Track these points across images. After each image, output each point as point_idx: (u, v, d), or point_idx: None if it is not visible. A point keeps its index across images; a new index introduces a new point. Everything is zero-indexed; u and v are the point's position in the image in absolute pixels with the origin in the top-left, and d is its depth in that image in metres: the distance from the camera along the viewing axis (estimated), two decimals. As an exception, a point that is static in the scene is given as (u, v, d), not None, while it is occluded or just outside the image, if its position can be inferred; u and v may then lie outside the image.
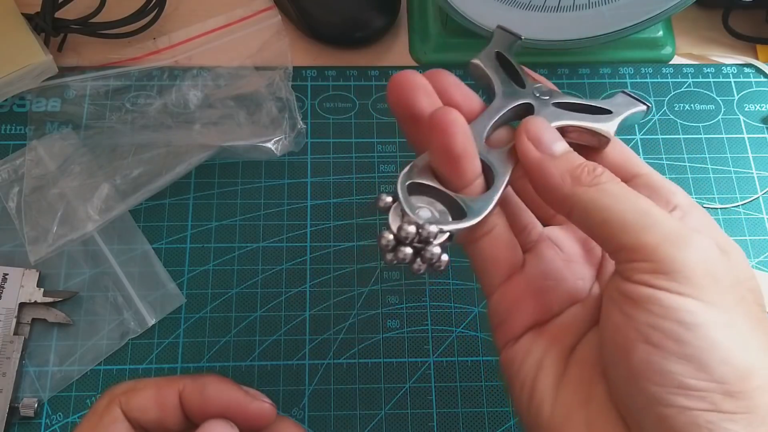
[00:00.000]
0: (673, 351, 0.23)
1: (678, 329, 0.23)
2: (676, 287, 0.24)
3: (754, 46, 0.47)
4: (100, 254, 0.39)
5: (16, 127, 0.42)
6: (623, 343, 0.24)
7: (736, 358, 0.23)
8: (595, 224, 0.26)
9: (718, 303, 0.24)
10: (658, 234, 0.24)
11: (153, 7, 0.44)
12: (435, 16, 0.46)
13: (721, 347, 0.23)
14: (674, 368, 0.23)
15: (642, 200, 0.26)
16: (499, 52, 0.32)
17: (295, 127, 0.40)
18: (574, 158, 0.27)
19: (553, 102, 0.30)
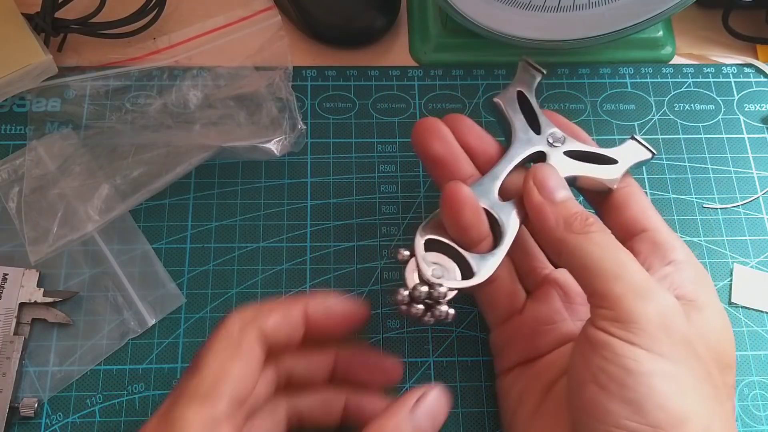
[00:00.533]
0: (616, 393, 0.26)
1: (621, 374, 0.26)
2: (628, 336, 0.26)
3: (754, 46, 0.47)
4: (100, 254, 0.39)
5: (16, 127, 0.42)
6: (579, 381, 0.27)
7: (673, 406, 0.25)
8: (577, 268, 0.29)
9: (666, 354, 0.26)
10: (625, 285, 0.27)
11: (153, 7, 0.44)
12: (435, 16, 0.46)
13: (660, 394, 0.26)
14: (614, 409, 0.26)
15: (622, 253, 0.29)
16: (521, 92, 0.35)
17: (296, 128, 0.40)
18: (571, 206, 0.30)
19: (565, 150, 0.34)
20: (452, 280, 0.30)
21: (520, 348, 0.33)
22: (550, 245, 0.30)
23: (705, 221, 0.41)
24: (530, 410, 0.31)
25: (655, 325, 0.26)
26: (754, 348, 0.38)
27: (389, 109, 0.44)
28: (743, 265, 0.40)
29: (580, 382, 0.27)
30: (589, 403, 0.26)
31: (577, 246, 0.28)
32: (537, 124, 0.34)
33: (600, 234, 0.29)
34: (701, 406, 0.26)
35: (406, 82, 0.45)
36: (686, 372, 0.26)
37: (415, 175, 0.42)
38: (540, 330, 0.32)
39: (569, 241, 0.29)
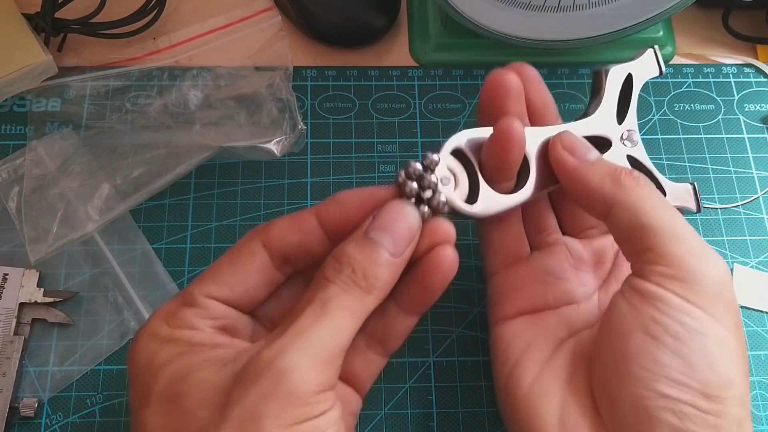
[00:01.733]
0: (668, 345, 0.26)
1: (678, 328, 0.26)
2: (687, 294, 0.26)
3: (754, 46, 0.47)
4: (100, 254, 0.39)
5: (16, 127, 0.42)
6: (623, 330, 0.27)
7: (722, 368, 0.26)
8: (631, 225, 0.28)
9: (721, 320, 0.26)
10: (686, 246, 0.27)
11: (153, 7, 0.44)
12: (435, 16, 0.46)
13: (712, 355, 0.26)
14: (665, 359, 0.26)
15: (675, 212, 0.28)
16: (631, 76, 0.33)
17: (296, 128, 0.40)
18: (609, 163, 0.30)
19: (629, 154, 0.33)
20: (454, 196, 0.29)
21: (527, 295, 0.32)
22: (597, 204, 0.29)
23: (705, 221, 0.41)
24: (540, 360, 0.30)
25: (713, 290, 0.26)
26: (754, 348, 0.38)
27: (389, 109, 0.44)
28: (743, 265, 0.40)
29: (626, 331, 0.27)
30: (636, 351, 0.26)
31: (632, 203, 0.28)
32: (624, 114, 0.33)
33: (652, 190, 0.29)
34: (742, 378, 0.26)
35: (406, 82, 0.45)
36: (735, 341, 0.26)
37: (415, 175, 0.42)
38: (548, 280, 0.32)
39: (622, 197, 0.28)
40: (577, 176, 0.29)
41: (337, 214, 0.28)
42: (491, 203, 0.30)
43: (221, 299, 0.27)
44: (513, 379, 0.30)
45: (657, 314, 0.26)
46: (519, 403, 0.29)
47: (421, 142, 0.43)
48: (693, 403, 0.25)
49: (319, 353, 0.24)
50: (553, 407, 0.28)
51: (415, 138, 0.43)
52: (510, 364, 0.30)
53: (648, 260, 0.27)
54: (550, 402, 0.28)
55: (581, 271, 0.33)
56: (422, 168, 0.28)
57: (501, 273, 0.33)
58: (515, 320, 0.32)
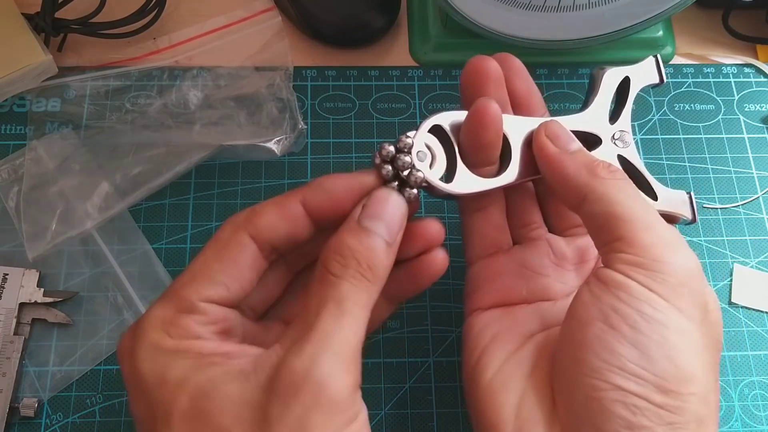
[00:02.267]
0: (626, 335, 0.25)
1: (636, 317, 0.25)
2: (650, 283, 0.26)
3: (754, 46, 0.47)
4: (100, 254, 0.39)
5: (16, 127, 0.42)
6: (583, 318, 0.26)
7: (681, 362, 0.25)
8: (602, 214, 0.28)
9: (684, 311, 0.26)
10: (656, 236, 0.27)
11: (153, 7, 0.44)
12: (435, 16, 0.46)
13: (672, 347, 0.25)
14: (621, 350, 0.25)
15: (649, 207, 0.28)
16: (628, 79, 0.34)
17: (296, 128, 0.40)
18: (588, 154, 0.30)
19: (619, 155, 0.32)
20: (430, 174, 0.29)
21: (502, 287, 0.32)
22: (571, 193, 0.29)
23: (705, 221, 0.41)
24: (505, 352, 0.30)
25: (679, 280, 0.26)
26: (754, 348, 0.38)
27: (389, 109, 0.44)
28: (743, 265, 0.40)
29: (586, 320, 0.26)
30: (594, 341, 0.26)
31: (605, 192, 0.28)
32: (618, 115, 0.33)
33: (626, 183, 0.28)
34: (705, 373, 0.25)
35: (406, 82, 0.45)
36: (698, 334, 0.26)
37: (415, 175, 0.42)
38: (526, 273, 0.32)
39: (595, 187, 0.28)
40: (555, 164, 0.29)
41: (326, 202, 0.28)
42: (468, 183, 0.30)
43: (218, 301, 0.27)
44: (477, 369, 0.30)
45: (616, 302, 0.26)
46: (480, 393, 0.29)
47: (421, 142, 0.43)
48: (648, 397, 0.24)
49: (347, 355, 0.24)
50: (511, 399, 0.28)
51: (415, 138, 0.43)
52: (477, 353, 0.30)
53: (616, 248, 0.27)
54: (509, 393, 0.28)
55: (562, 268, 0.32)
56: (395, 150, 0.29)
57: (479, 263, 0.33)
58: (488, 311, 0.32)
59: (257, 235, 0.27)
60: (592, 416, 0.25)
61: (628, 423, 0.24)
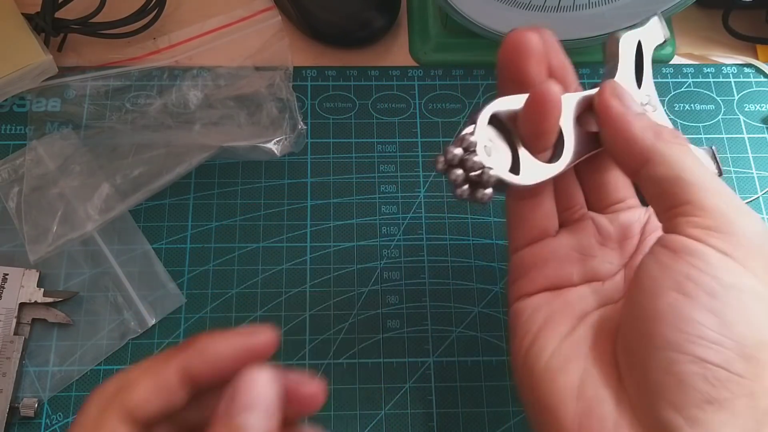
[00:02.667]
0: (703, 302, 0.24)
1: (713, 284, 0.24)
2: (725, 247, 0.25)
3: (754, 46, 0.47)
4: (100, 254, 0.39)
5: (16, 127, 0.42)
6: (653, 290, 0.25)
7: (760, 326, 0.24)
8: (668, 177, 0.27)
9: (759, 275, 0.25)
10: (725, 200, 0.26)
11: (153, 7, 0.44)
12: (435, 16, 0.46)
13: (750, 311, 0.24)
14: (699, 318, 0.24)
15: (714, 173, 0.27)
16: (640, 42, 0.32)
17: (296, 128, 0.40)
18: (652, 119, 0.29)
19: None
20: (501, 170, 0.28)
21: (551, 272, 0.31)
22: (635, 156, 0.28)
23: (705, 221, 0.41)
24: (559, 334, 0.29)
25: (753, 243, 0.25)
26: (754, 348, 0.38)
27: (389, 109, 0.44)
28: (743, 265, 0.40)
29: (657, 290, 0.25)
30: (668, 310, 0.24)
31: (672, 155, 0.27)
32: (640, 81, 0.32)
33: (691, 150, 0.28)
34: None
35: (406, 82, 0.45)
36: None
37: (415, 175, 0.42)
38: (574, 257, 0.31)
39: (662, 150, 0.27)
40: (621, 123, 0.28)
41: (208, 372, 0.25)
42: (535, 172, 0.29)
43: None
44: (531, 353, 0.29)
45: (691, 270, 0.25)
46: (537, 378, 0.28)
47: (421, 142, 0.43)
48: (729, 366, 0.23)
49: None
50: (571, 380, 0.27)
51: (415, 138, 0.43)
52: (529, 338, 0.29)
53: (685, 212, 0.26)
54: (569, 375, 0.27)
55: (607, 247, 0.31)
56: (462, 151, 0.27)
57: (525, 249, 0.32)
58: (535, 296, 0.31)
59: (128, 414, 0.24)
60: (668, 392, 0.24)
61: (708, 396, 0.23)
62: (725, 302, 0.24)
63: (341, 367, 0.37)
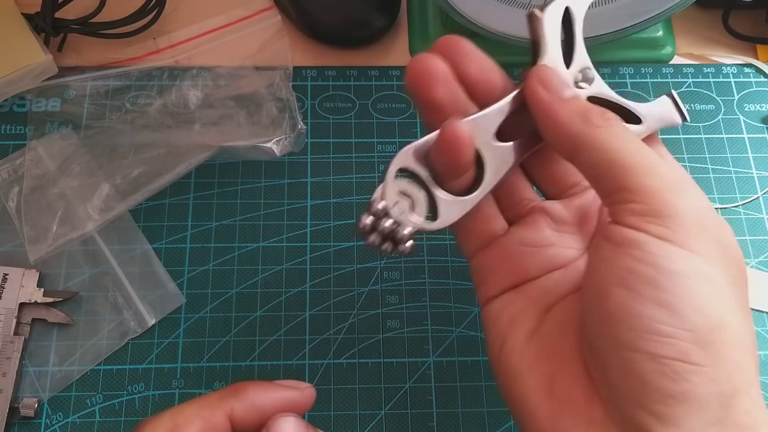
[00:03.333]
0: (649, 296, 0.23)
1: (655, 274, 0.24)
2: (663, 232, 0.24)
3: (754, 46, 0.47)
4: (100, 254, 0.39)
5: (16, 127, 0.42)
6: (601, 288, 0.25)
7: (710, 309, 0.23)
8: (600, 163, 0.26)
9: (702, 253, 0.24)
10: (659, 179, 0.25)
11: (153, 7, 0.44)
12: (435, 16, 0.46)
13: (697, 296, 0.23)
14: (648, 312, 0.23)
15: (647, 149, 0.26)
16: (568, 9, 0.30)
17: (296, 128, 0.40)
18: (582, 102, 0.28)
19: (589, 96, 0.30)
20: (416, 221, 0.28)
21: (507, 270, 0.30)
22: (565, 143, 0.27)
23: (705, 221, 0.41)
24: (525, 333, 0.28)
25: (691, 221, 0.24)
26: (754, 348, 0.38)
27: (389, 109, 0.44)
28: (743, 265, 0.40)
29: (604, 289, 0.25)
30: (616, 310, 0.24)
31: (600, 139, 0.26)
32: (571, 54, 0.30)
33: (621, 128, 0.27)
34: (735, 313, 0.24)
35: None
36: (721, 274, 0.24)
37: (415, 175, 0.42)
38: (527, 251, 0.30)
39: (590, 135, 0.26)
40: (548, 111, 0.27)
41: (254, 419, 0.26)
42: (454, 210, 0.29)
43: None
44: (501, 357, 0.28)
45: (632, 263, 0.24)
46: (510, 380, 0.28)
47: (421, 142, 0.43)
48: (685, 358, 0.23)
49: None
50: (540, 380, 0.27)
51: (415, 138, 0.43)
52: (499, 341, 0.29)
53: (622, 199, 0.25)
54: (538, 376, 0.27)
55: (564, 233, 0.31)
56: (373, 218, 0.28)
57: (478, 255, 0.32)
58: (500, 297, 0.30)
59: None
60: (631, 390, 0.24)
61: (670, 391, 0.23)
62: (672, 292, 0.23)
63: (341, 367, 0.37)
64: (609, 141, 0.26)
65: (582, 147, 0.26)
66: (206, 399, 0.27)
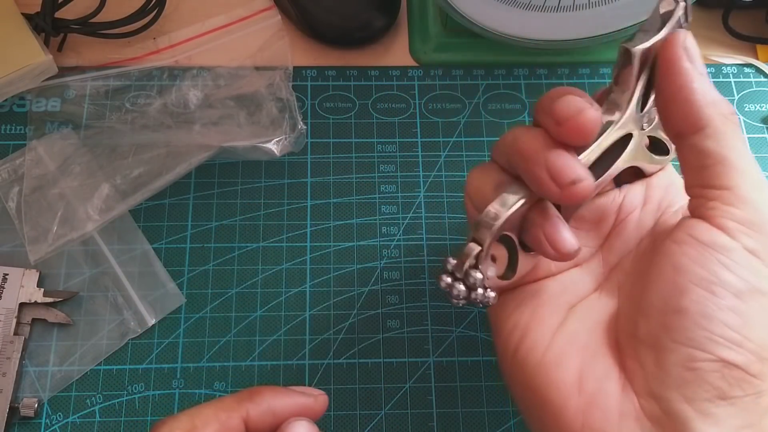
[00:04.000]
0: (728, 303, 0.24)
1: (740, 285, 0.24)
2: (756, 247, 0.24)
3: (754, 46, 0.47)
4: (100, 254, 0.39)
5: (16, 127, 0.42)
6: (677, 283, 0.25)
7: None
8: (713, 154, 0.26)
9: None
10: (764, 195, 0.25)
11: (153, 7, 0.44)
12: (435, 16, 0.46)
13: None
14: (724, 318, 0.24)
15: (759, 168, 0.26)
16: None
17: (296, 128, 0.40)
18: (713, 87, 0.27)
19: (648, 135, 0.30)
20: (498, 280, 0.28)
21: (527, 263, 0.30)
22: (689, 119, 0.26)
23: (705, 221, 0.41)
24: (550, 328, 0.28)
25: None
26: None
27: (389, 109, 0.44)
28: (743, 265, 0.40)
29: (683, 285, 0.25)
30: (693, 308, 0.24)
31: (725, 131, 0.26)
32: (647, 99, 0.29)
33: (741, 131, 0.27)
34: None
35: (406, 82, 0.45)
36: None
37: (415, 175, 0.42)
38: None
39: (717, 123, 0.26)
40: (685, 80, 0.26)
41: (263, 424, 0.27)
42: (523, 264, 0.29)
43: None
44: (522, 349, 0.28)
45: (719, 269, 0.24)
46: (531, 374, 0.27)
47: (421, 142, 0.43)
48: (747, 368, 0.24)
49: None
50: (570, 375, 0.27)
51: (415, 138, 0.43)
52: (517, 334, 0.28)
53: (725, 199, 0.25)
54: (567, 370, 0.27)
55: (582, 230, 0.31)
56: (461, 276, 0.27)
57: None
58: (516, 291, 0.30)
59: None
60: (683, 385, 0.24)
61: (722, 393, 0.24)
62: (749, 304, 0.24)
63: (341, 367, 0.37)
64: (732, 137, 0.26)
65: (704, 131, 0.26)
66: (223, 402, 0.27)
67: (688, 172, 0.27)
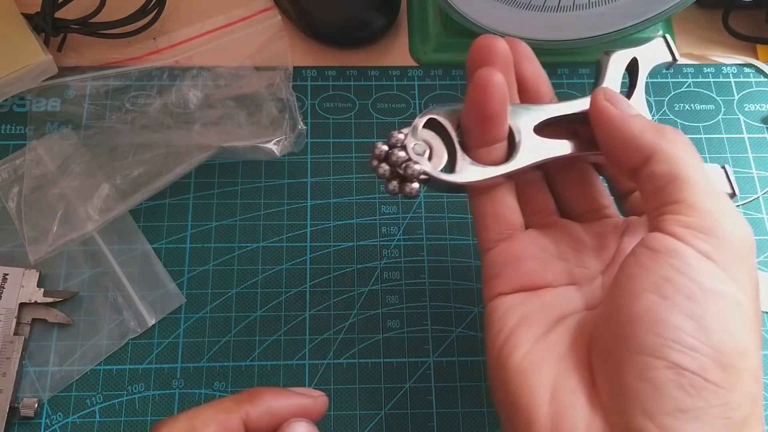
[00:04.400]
0: (681, 306, 0.24)
1: (692, 287, 0.24)
2: (708, 250, 0.24)
3: (754, 46, 0.47)
4: (100, 254, 0.39)
5: (16, 127, 0.42)
6: (631, 291, 0.25)
7: (738, 334, 0.24)
8: (667, 175, 0.26)
9: (740, 282, 0.24)
10: (718, 203, 0.26)
11: (153, 7, 0.44)
12: (435, 16, 0.46)
13: (728, 319, 0.24)
14: (676, 321, 0.23)
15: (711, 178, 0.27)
16: (636, 60, 0.33)
17: (296, 128, 0.40)
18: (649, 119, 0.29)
19: None
20: (431, 166, 0.29)
21: (526, 270, 0.30)
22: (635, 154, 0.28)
23: (705, 221, 0.41)
24: (534, 335, 0.28)
25: (737, 249, 0.25)
26: (754, 348, 0.38)
27: (389, 109, 0.44)
28: (743, 265, 0.40)
29: (635, 292, 0.25)
30: (644, 313, 0.24)
31: (673, 152, 0.27)
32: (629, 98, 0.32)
33: (694, 149, 0.27)
34: (757, 348, 0.24)
35: (406, 82, 0.45)
36: (751, 306, 0.25)
37: (415, 175, 0.42)
38: (548, 258, 0.30)
39: (664, 146, 0.27)
40: (619, 124, 0.28)
41: (263, 425, 0.27)
42: (470, 172, 0.30)
43: None
44: (504, 351, 0.28)
45: (670, 272, 0.24)
46: (510, 375, 0.28)
47: (421, 142, 0.43)
48: (704, 374, 0.23)
49: None
50: (544, 381, 0.27)
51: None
52: (503, 335, 0.29)
53: (674, 210, 0.26)
54: (541, 376, 0.27)
55: (582, 253, 0.31)
56: (388, 147, 0.29)
57: (497, 247, 0.31)
58: (512, 295, 0.30)
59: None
60: (641, 398, 0.23)
61: (682, 404, 0.23)
62: (704, 307, 0.24)
63: (341, 367, 0.37)
64: (681, 155, 0.27)
65: (654, 157, 0.27)
66: (222, 403, 0.27)
67: (645, 200, 0.28)
